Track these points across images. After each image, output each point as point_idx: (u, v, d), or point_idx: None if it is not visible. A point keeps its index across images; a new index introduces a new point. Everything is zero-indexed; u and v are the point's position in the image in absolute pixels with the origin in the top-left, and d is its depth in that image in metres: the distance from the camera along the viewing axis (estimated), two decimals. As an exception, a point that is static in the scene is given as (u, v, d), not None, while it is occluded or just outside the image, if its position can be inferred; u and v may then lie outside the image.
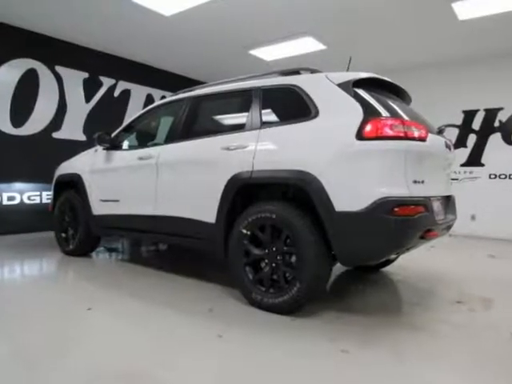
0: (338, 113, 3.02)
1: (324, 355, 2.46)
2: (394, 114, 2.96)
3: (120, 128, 4.64)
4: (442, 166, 3.48)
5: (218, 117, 4.02)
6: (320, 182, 2.87)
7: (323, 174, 2.88)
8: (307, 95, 3.21)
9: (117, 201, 4.38)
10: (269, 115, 3.43)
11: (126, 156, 4.39)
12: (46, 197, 6.81)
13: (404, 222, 2.79)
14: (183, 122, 3.98)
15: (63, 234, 5.06)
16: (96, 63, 7.47)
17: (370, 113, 2.90)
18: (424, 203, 2.93)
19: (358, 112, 2.92)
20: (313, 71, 3.51)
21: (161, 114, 4.58)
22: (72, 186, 4.93)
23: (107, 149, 4.58)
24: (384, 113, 2.94)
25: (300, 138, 3.08)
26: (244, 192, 3.35)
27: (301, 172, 2.96)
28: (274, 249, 3.15)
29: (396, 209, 2.76)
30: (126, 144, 4.61)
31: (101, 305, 3.29)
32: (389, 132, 2.82)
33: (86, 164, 4.79)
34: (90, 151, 4.90)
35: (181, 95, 4.24)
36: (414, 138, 2.90)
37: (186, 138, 3.89)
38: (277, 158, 3.14)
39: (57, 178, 5.20)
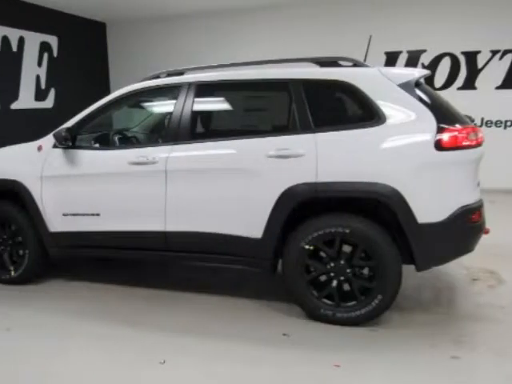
0: (408, 119, 3.87)
1: (435, 364, 3.53)
2: (463, 121, 3.97)
3: (79, 118, 4.77)
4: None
5: (246, 113, 4.53)
6: (401, 195, 3.78)
7: (403, 187, 3.78)
8: (364, 95, 3.96)
9: (96, 215, 4.67)
10: (318, 116, 4.09)
11: (105, 158, 4.66)
12: None
13: (476, 227, 4.00)
14: (192, 116, 4.40)
15: None
16: None
17: (441, 119, 3.83)
18: (483, 205, 4.15)
19: (429, 119, 3.82)
20: (356, 63, 4.27)
21: (143, 101, 4.93)
22: (5, 197, 5.02)
23: (66, 147, 4.72)
24: (452, 117, 3.92)
25: (373, 146, 3.87)
26: (302, 206, 4.07)
27: (381, 185, 3.81)
28: (342, 262, 4.05)
29: (472, 216, 3.94)
30: (90, 139, 4.85)
31: (176, 356, 3.74)
32: (466, 142, 3.86)
33: (28, 167, 4.85)
34: (28, 149, 4.96)
35: (178, 79, 4.59)
36: (479, 144, 4.00)
37: (203, 138, 4.39)
38: (350, 168, 3.90)
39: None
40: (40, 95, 9.75)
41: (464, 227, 3.90)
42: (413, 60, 9.83)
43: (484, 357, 3.66)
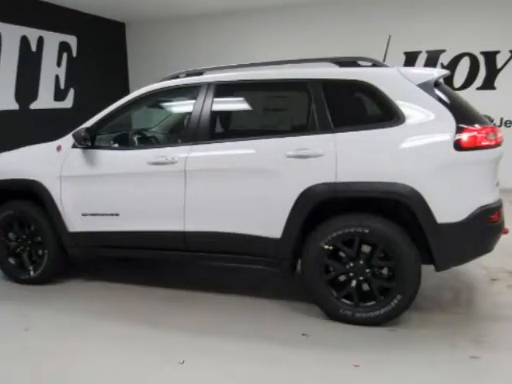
0: (428, 119, 3.97)
1: (455, 364, 3.62)
2: (482, 121, 4.05)
3: (98, 118, 4.91)
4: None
5: (265, 113, 4.66)
6: (421, 195, 3.87)
7: (423, 187, 3.87)
8: (384, 95, 4.07)
9: (115, 215, 4.82)
10: (338, 116, 4.19)
11: (124, 158, 4.81)
12: None
13: (495, 227, 4.08)
14: (211, 116, 4.53)
15: (12, 261, 5.35)
16: None
17: (461, 119, 3.93)
18: (502, 205, 4.22)
19: (449, 119, 3.92)
20: (375, 64, 4.38)
21: (162, 101, 5.06)
22: (24, 197, 5.17)
23: (85, 147, 4.86)
24: (472, 117, 4.02)
25: (392, 146, 3.98)
26: (321, 206, 4.18)
27: (400, 185, 3.91)
28: (361, 262, 4.15)
29: (491, 216, 4.02)
30: (109, 139, 5.00)
31: (196, 356, 3.82)
32: (485, 142, 3.94)
33: (47, 167, 5.00)
34: (47, 148, 5.12)
35: (198, 79, 4.73)
36: (499, 144, 4.07)
37: (223, 138, 4.53)
38: (369, 168, 4.00)
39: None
40: (59, 95, 9.92)
41: (483, 227, 3.99)
42: (432, 60, 9.94)
43: (504, 356, 3.74)
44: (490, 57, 9.72)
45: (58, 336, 4.23)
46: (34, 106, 9.18)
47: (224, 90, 4.64)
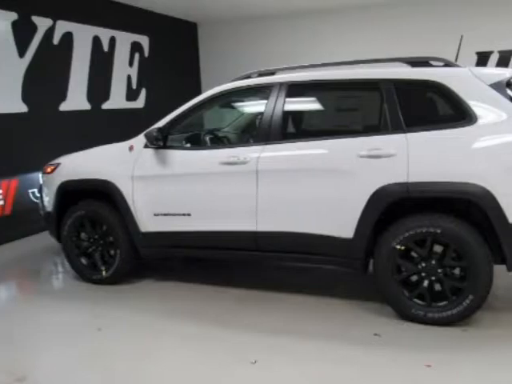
0: (500, 119, 4.19)
1: None
2: None
3: (170, 118, 5.27)
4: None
5: (336, 113, 4.94)
6: (493, 195, 4.08)
7: (495, 187, 4.08)
8: (456, 96, 4.30)
9: (187, 215, 5.19)
10: (410, 116, 4.44)
11: (196, 158, 5.18)
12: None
13: None
14: (283, 116, 4.84)
15: (84, 260, 5.79)
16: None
17: None
18: None
19: None
20: (447, 64, 4.61)
21: (234, 101, 5.44)
22: (96, 197, 5.59)
23: (157, 147, 5.23)
24: None
25: (464, 146, 4.21)
26: (392, 206, 4.42)
27: (472, 185, 4.13)
28: (433, 262, 4.39)
29: None
30: (181, 139, 5.41)
31: (268, 356, 4.08)
32: None
33: (120, 167, 5.41)
34: (120, 149, 5.52)
35: (270, 79, 5.05)
36: None
37: (294, 138, 4.84)
38: (441, 169, 4.24)
39: (62, 186, 5.71)
40: (131, 95, 10.35)
41: None
42: (504, 60, 10.04)
43: None
44: None
45: (130, 336, 4.56)
46: (105, 106, 9.59)
47: (296, 90, 4.93)
